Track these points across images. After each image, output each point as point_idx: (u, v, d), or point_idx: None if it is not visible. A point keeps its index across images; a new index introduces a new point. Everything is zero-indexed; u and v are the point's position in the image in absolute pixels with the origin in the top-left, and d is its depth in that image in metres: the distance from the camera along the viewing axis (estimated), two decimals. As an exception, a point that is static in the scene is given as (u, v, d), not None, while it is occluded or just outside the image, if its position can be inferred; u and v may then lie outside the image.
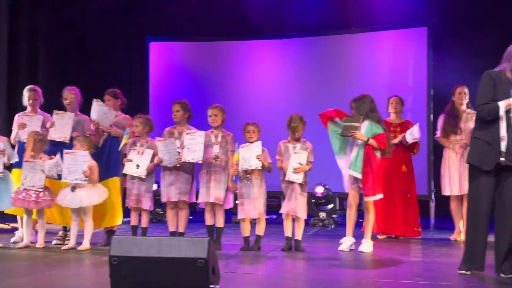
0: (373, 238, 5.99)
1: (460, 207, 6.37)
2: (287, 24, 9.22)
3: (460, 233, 6.37)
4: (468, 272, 4.30)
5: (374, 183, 5.47)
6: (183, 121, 5.85)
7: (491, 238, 4.29)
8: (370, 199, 5.55)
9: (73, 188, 5.54)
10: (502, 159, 4.11)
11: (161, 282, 3.28)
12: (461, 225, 6.35)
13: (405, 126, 6.64)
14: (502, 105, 4.13)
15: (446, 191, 6.48)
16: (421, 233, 6.66)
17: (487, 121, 4.22)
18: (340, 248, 5.59)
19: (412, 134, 6.37)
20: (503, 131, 4.11)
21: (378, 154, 5.55)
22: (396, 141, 6.50)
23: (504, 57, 4.28)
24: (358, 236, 5.70)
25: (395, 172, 6.60)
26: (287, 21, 9.22)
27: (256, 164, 5.52)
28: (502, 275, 4.20)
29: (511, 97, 4.14)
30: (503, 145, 4.10)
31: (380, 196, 5.55)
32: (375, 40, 8.75)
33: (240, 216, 5.64)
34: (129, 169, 5.75)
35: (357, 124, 5.50)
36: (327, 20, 9.14)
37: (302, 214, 5.57)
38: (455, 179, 6.34)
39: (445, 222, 7.39)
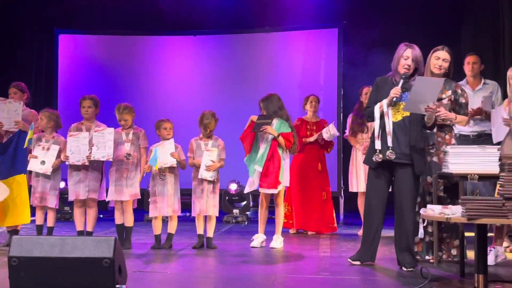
0: (286, 233, 6.05)
1: (367, 203, 6.60)
2: (202, 21, 9.17)
3: (367, 229, 6.61)
4: (357, 262, 4.59)
5: (272, 176, 5.55)
6: (93, 118, 5.70)
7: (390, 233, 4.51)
8: (264, 191, 5.62)
9: (-29, 186, 5.26)
10: (376, 156, 4.43)
11: (65, 283, 3.16)
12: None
13: (320, 125, 6.81)
14: (377, 107, 4.50)
15: (353, 188, 6.71)
16: (336, 228, 6.85)
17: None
18: (252, 244, 5.64)
19: (329, 132, 6.57)
20: (376, 131, 4.46)
21: (280, 151, 5.64)
22: (312, 139, 6.68)
23: None
24: (272, 232, 5.77)
25: (311, 170, 6.76)
26: (201, 17, 9.17)
27: (171, 162, 5.46)
28: (404, 268, 4.41)
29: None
30: (377, 144, 4.44)
31: (274, 191, 5.60)
32: (288, 39, 8.88)
33: (152, 214, 5.55)
34: (33, 165, 5.51)
35: (268, 121, 5.61)
36: (242, 18, 9.18)
37: (213, 212, 5.57)
38: (361, 176, 6.56)
39: (353, 217, 7.63)
